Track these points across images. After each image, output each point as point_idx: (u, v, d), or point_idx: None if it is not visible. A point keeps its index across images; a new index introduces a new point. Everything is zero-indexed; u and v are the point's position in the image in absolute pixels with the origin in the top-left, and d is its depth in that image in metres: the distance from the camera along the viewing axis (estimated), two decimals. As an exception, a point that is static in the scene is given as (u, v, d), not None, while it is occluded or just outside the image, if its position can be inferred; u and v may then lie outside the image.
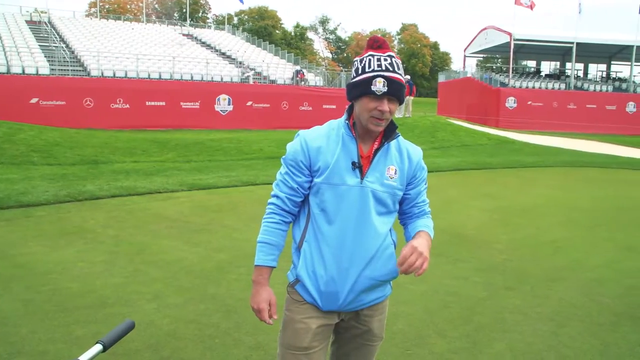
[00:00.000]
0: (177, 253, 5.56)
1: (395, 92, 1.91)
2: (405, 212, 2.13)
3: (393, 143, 2.04)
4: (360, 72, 1.95)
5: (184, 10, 64.24)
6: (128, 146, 14.39)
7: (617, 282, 5.08)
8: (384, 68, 1.91)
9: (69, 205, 7.68)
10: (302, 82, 27.19)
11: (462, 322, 4.05)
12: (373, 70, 1.91)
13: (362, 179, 1.97)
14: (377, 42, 1.97)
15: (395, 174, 2.02)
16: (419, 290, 4.67)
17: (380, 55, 1.94)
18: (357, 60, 2.00)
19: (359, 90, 1.93)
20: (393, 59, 1.95)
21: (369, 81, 1.90)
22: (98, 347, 1.46)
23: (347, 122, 2.01)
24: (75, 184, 9.03)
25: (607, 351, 3.65)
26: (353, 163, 1.96)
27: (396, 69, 1.93)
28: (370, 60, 1.94)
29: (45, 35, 27.61)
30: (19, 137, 13.43)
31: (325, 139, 2.00)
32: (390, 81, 1.90)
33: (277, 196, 2.04)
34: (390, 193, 2.01)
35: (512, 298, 4.58)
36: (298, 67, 29.10)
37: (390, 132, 2.01)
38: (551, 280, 5.06)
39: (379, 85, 1.89)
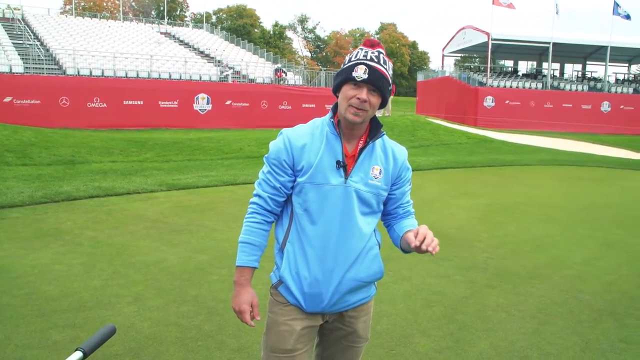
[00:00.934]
0: (157, 254, 5.47)
1: (376, 81, 1.87)
2: (390, 212, 2.09)
3: (378, 143, 2.01)
4: (346, 62, 1.95)
5: (162, 8, 63.60)
6: (105, 146, 14.17)
7: (597, 278, 5.14)
8: (368, 58, 1.90)
9: (45, 206, 7.52)
10: (282, 82, 27.10)
11: (445, 321, 4.05)
12: (358, 59, 1.91)
13: (346, 178, 1.93)
14: (371, 42, 1.97)
15: (380, 174, 1.98)
16: (402, 290, 4.67)
17: (369, 50, 1.94)
18: (348, 55, 1.99)
19: (341, 77, 1.92)
20: (382, 55, 1.94)
21: (351, 68, 1.89)
22: (78, 355, 1.39)
23: (332, 120, 1.97)
24: (52, 184, 8.85)
25: (588, 347, 3.68)
26: (337, 162, 1.92)
27: (382, 62, 1.91)
28: (358, 52, 1.94)
29: (19, 32, 27.07)
30: (-8, 136, 13.12)
31: (310, 137, 1.95)
32: (372, 70, 1.88)
33: (259, 195, 2.00)
34: (375, 193, 1.98)
35: (494, 296, 4.60)
36: (278, 65, 29.01)
37: (375, 130, 1.99)
38: (532, 278, 5.10)
39: (360, 72, 1.87)
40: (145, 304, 4.15)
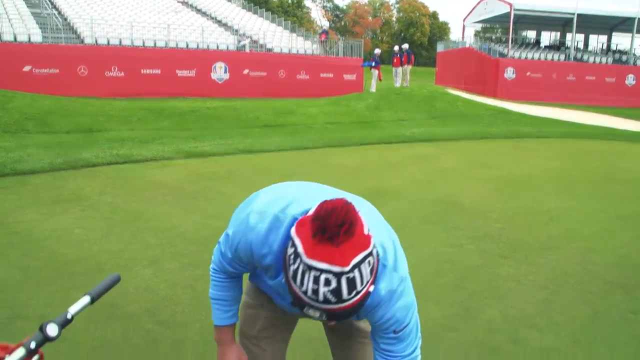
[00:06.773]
0: (173, 220, 5.58)
1: (339, 317, 1.23)
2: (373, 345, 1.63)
3: None
4: (292, 278, 1.22)
5: (179, -24, 63.00)
6: (123, 114, 14.28)
7: (609, 251, 5.13)
8: (320, 299, 1.17)
9: (65, 173, 7.66)
10: (325, 44, 27.28)
11: (455, 289, 4.10)
12: (306, 295, 1.19)
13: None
14: (329, 229, 1.14)
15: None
16: (414, 258, 4.68)
17: (323, 269, 1.14)
18: (291, 254, 1.21)
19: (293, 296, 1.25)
20: (343, 278, 1.15)
21: (303, 305, 1.23)
22: (86, 299, 1.48)
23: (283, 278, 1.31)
24: (71, 152, 8.99)
25: (597, 317, 3.71)
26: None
27: (347, 294, 1.17)
28: (304, 274, 1.17)
29: (37, 1, 27.11)
30: (12, 105, 13.29)
31: (272, 256, 1.50)
32: (330, 313, 1.21)
33: (215, 263, 1.76)
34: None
35: (506, 266, 4.63)
36: (325, 28, 29.06)
37: None
38: (545, 249, 5.11)
39: (316, 315, 1.22)
40: (161, 267, 4.27)
